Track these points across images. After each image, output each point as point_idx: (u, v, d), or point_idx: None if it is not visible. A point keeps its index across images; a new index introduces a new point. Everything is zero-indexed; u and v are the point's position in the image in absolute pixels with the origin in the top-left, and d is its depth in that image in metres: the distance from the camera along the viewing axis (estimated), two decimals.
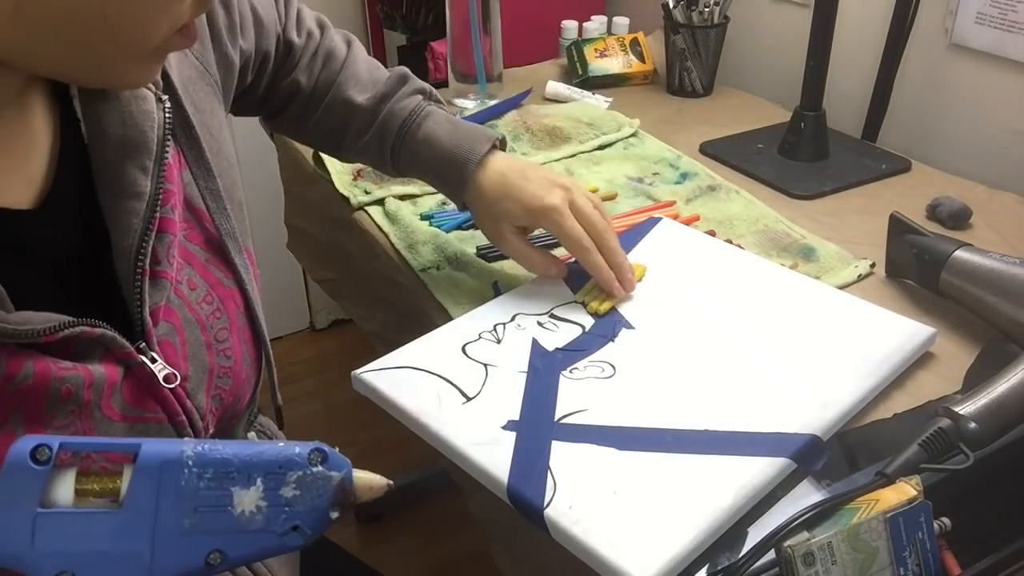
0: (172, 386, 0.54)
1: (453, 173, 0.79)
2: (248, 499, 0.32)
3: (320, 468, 0.34)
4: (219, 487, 0.32)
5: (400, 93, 0.83)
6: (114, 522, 0.31)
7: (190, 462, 0.32)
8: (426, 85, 0.85)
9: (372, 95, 0.82)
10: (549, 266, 0.80)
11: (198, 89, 0.64)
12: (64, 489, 0.31)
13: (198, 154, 0.60)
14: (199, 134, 0.60)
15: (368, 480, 0.37)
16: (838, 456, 0.63)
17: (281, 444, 0.34)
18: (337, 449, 0.36)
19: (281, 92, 0.83)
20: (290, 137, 0.93)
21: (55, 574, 0.30)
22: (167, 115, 0.55)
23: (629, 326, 0.76)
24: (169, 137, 0.55)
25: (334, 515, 0.35)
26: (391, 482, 0.38)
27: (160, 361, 0.53)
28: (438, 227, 0.97)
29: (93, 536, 0.30)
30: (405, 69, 0.86)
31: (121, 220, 0.52)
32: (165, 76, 0.58)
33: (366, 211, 1.01)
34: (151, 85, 0.55)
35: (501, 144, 0.82)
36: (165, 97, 0.56)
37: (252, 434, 0.70)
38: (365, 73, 0.84)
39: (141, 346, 0.53)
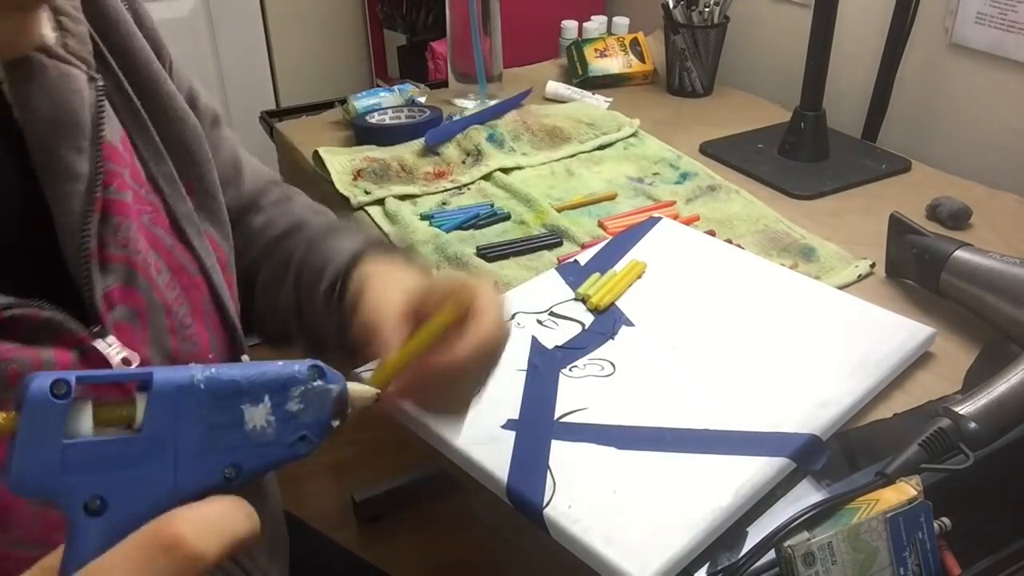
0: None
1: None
2: (259, 415, 0.35)
3: (320, 382, 0.36)
4: (231, 407, 0.34)
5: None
6: (136, 447, 0.33)
7: (201, 385, 0.33)
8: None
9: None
10: None
11: (152, 67, 0.61)
12: (85, 420, 0.32)
13: (146, 137, 0.58)
14: (146, 116, 0.58)
15: (360, 391, 0.40)
16: (838, 456, 0.63)
17: (280, 363, 0.36)
18: (331, 367, 0.39)
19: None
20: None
21: (87, 499, 0.31)
22: (99, 93, 0.53)
23: (629, 323, 0.76)
24: (103, 115, 0.53)
25: (335, 423, 0.37)
26: (379, 391, 0.42)
27: (116, 345, 0.52)
28: (438, 227, 0.97)
29: (118, 461, 0.32)
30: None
31: (62, 203, 0.51)
32: (99, 54, 0.56)
33: (366, 211, 1.01)
34: (80, 63, 0.53)
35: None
36: (97, 75, 0.53)
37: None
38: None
39: (95, 330, 0.52)
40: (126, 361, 0.52)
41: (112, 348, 0.52)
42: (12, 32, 0.49)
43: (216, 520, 0.31)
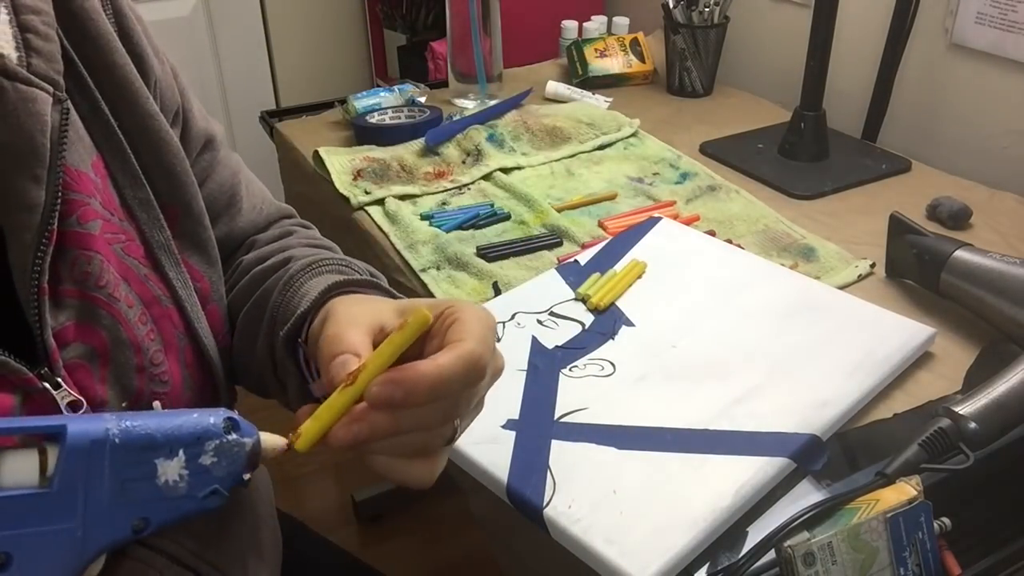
0: (79, 414, 0.48)
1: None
2: (171, 469, 0.35)
3: (234, 436, 0.36)
4: (145, 460, 0.34)
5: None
6: (45, 502, 0.32)
7: (116, 440, 0.33)
8: None
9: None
10: None
11: (136, 90, 0.57)
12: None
13: (123, 161, 0.55)
14: (123, 138, 0.55)
15: (272, 441, 0.40)
16: (838, 456, 0.63)
17: (196, 414, 0.36)
18: (243, 418, 0.39)
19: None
20: None
21: None
22: (64, 117, 0.49)
23: (629, 323, 0.76)
24: (65, 141, 0.49)
25: (246, 476, 0.37)
26: (289, 441, 0.41)
27: (65, 388, 0.48)
28: (438, 227, 0.97)
29: (26, 516, 0.32)
30: None
31: (15, 235, 0.47)
32: (75, 74, 0.52)
33: (366, 211, 1.01)
34: (46, 84, 0.49)
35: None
36: (65, 98, 0.49)
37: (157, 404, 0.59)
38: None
39: (43, 372, 0.48)
40: (73, 405, 0.48)
41: (60, 391, 0.47)
42: None
43: None
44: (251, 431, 0.37)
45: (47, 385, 0.47)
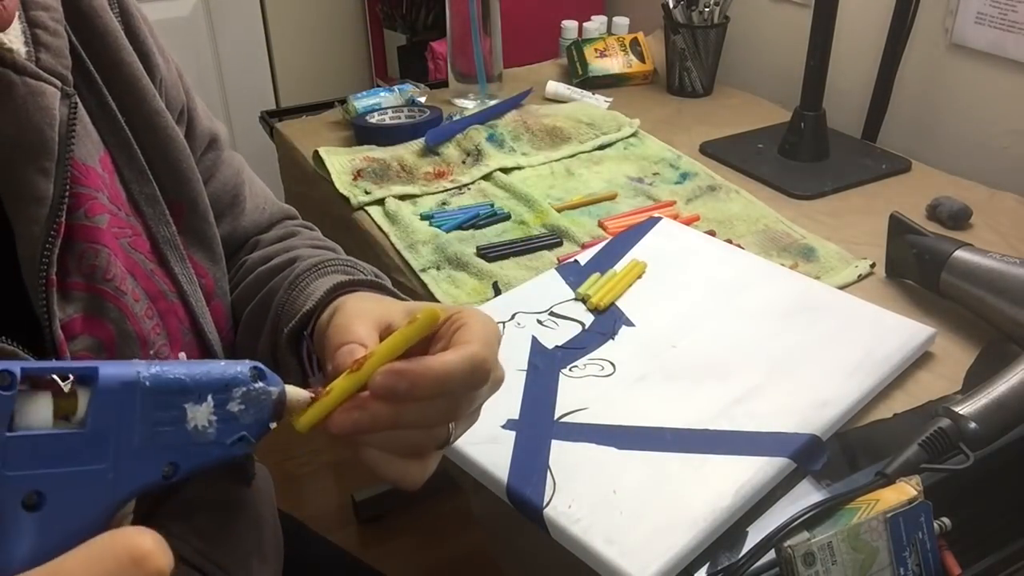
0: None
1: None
2: (201, 414, 0.35)
3: (261, 384, 0.37)
4: (174, 404, 0.34)
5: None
6: (78, 442, 0.32)
7: (147, 383, 0.33)
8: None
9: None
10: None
11: (144, 87, 0.57)
12: (32, 413, 0.32)
13: (130, 156, 0.55)
14: (130, 134, 0.55)
15: (296, 394, 0.40)
16: (838, 456, 0.63)
17: (223, 363, 0.36)
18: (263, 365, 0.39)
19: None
20: None
21: (24, 494, 0.31)
22: (72, 111, 0.50)
23: (629, 323, 0.76)
24: (74, 135, 0.50)
25: (272, 425, 0.37)
26: (312, 394, 0.41)
27: (72, 378, 0.50)
28: (438, 227, 0.97)
29: (58, 456, 0.32)
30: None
31: (24, 228, 0.48)
32: (83, 70, 0.53)
33: (366, 211, 1.01)
34: (54, 79, 0.49)
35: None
36: (72, 92, 0.50)
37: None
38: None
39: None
40: None
41: (67, 383, 0.49)
42: None
43: (164, 544, 0.30)
44: (276, 381, 0.38)
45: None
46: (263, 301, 0.62)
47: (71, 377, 0.34)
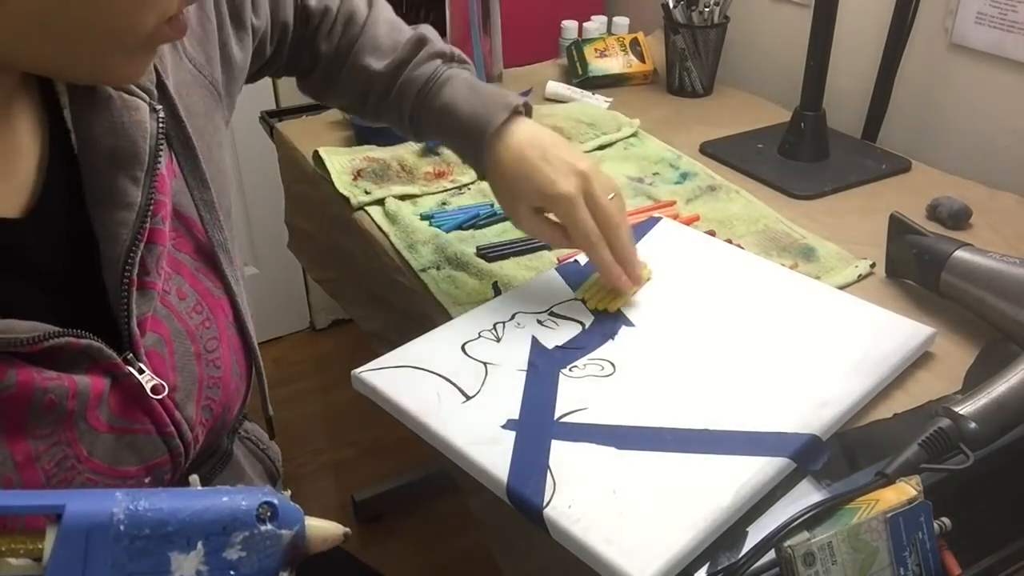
0: (160, 397, 0.53)
1: (470, 145, 0.75)
2: (188, 564, 0.29)
3: (269, 526, 0.31)
4: (156, 550, 0.29)
5: (418, 59, 0.79)
6: None
7: (121, 526, 0.28)
8: (446, 47, 0.81)
9: (390, 61, 0.80)
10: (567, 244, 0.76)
11: (193, 93, 0.63)
12: None
13: (194, 164, 0.59)
14: (195, 143, 0.59)
15: (322, 531, 0.34)
16: (838, 456, 0.63)
17: (226, 496, 0.30)
18: (289, 494, 0.32)
19: (305, 58, 0.83)
20: (317, 100, 0.91)
21: None
22: (160, 125, 0.54)
23: (629, 323, 0.76)
24: (162, 147, 0.54)
25: (283, 575, 0.31)
26: (348, 531, 0.35)
27: (148, 372, 0.53)
28: (438, 227, 0.97)
29: None
30: (425, 31, 0.83)
31: (110, 230, 0.51)
32: (160, 84, 0.57)
33: (366, 211, 1.01)
34: (144, 94, 0.54)
35: (526, 110, 0.77)
36: (159, 107, 0.55)
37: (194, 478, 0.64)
38: (385, 36, 0.82)
39: (128, 357, 0.52)
40: (156, 389, 0.53)
41: (144, 375, 0.52)
42: (124, 65, 0.50)
43: None
44: (294, 519, 0.32)
45: (131, 370, 0.52)
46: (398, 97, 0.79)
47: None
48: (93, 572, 0.28)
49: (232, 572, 0.29)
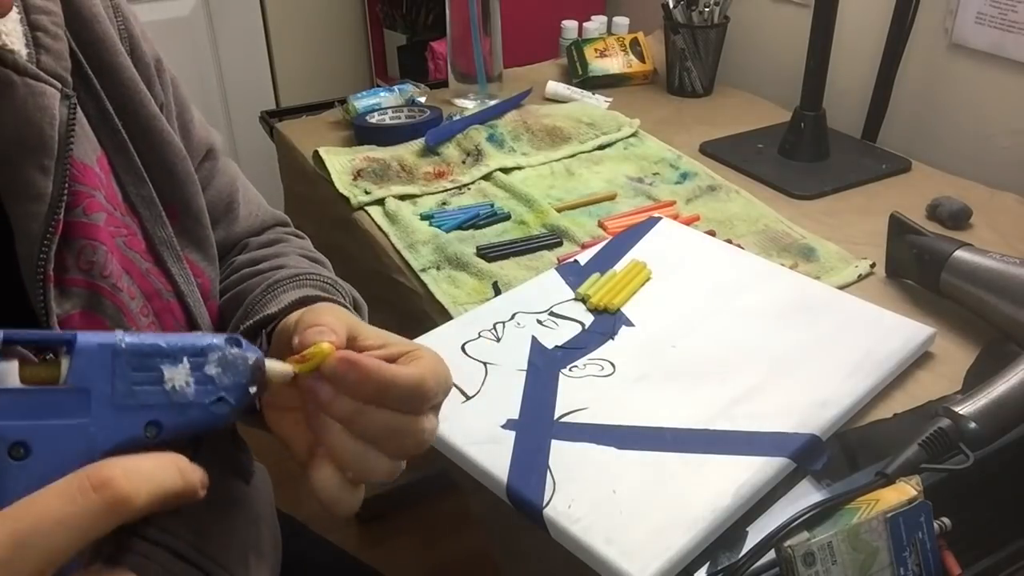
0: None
1: None
2: (178, 375, 0.37)
3: (236, 350, 0.39)
4: (152, 366, 0.37)
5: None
6: (58, 397, 0.35)
7: (123, 344, 0.36)
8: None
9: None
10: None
11: (127, 70, 0.58)
12: (10, 374, 0.35)
13: (126, 158, 0.56)
14: (125, 136, 0.56)
15: (278, 367, 0.42)
16: (838, 456, 0.63)
17: (200, 333, 0.40)
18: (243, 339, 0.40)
19: None
20: None
21: (10, 445, 0.34)
22: (71, 111, 0.51)
23: (629, 323, 0.76)
24: (73, 134, 0.51)
25: (252, 390, 0.39)
26: (296, 370, 0.43)
27: None
28: (438, 227, 0.97)
29: (41, 411, 0.34)
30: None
31: (22, 225, 0.49)
32: (81, 72, 0.54)
33: (366, 211, 1.01)
34: (54, 80, 0.51)
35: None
36: (72, 93, 0.51)
37: None
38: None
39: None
40: None
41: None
42: None
43: (147, 470, 0.32)
44: (255, 349, 0.40)
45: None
46: (237, 296, 0.63)
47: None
48: (104, 382, 0.35)
49: (212, 384, 0.38)
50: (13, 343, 0.35)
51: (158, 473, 0.33)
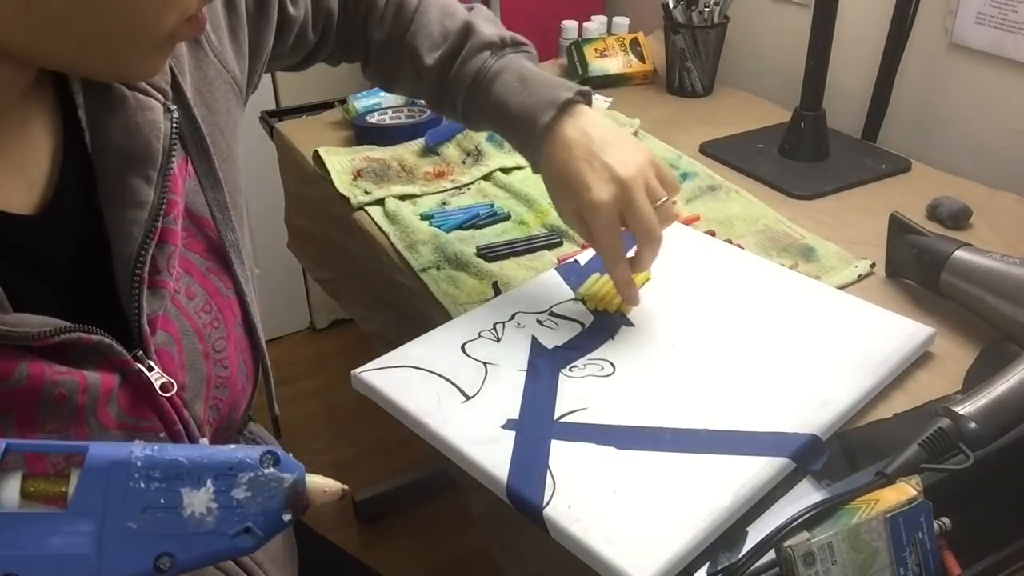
0: (169, 395, 0.54)
1: (520, 143, 0.74)
2: (199, 500, 0.32)
3: (272, 470, 0.34)
4: (169, 488, 0.32)
5: (466, 52, 0.76)
6: (60, 523, 0.30)
7: (139, 463, 0.32)
8: (496, 35, 0.78)
9: (440, 55, 0.77)
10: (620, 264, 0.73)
11: (215, 90, 0.63)
12: (10, 491, 0.31)
13: (208, 165, 0.60)
14: (209, 144, 0.60)
15: (321, 484, 0.37)
16: (838, 456, 0.63)
17: (232, 447, 0.34)
18: (291, 455, 0.36)
19: (358, 47, 0.83)
20: (385, 90, 0.90)
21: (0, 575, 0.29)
22: (174, 125, 0.55)
23: (629, 323, 0.76)
24: (175, 147, 0.54)
25: (287, 518, 0.34)
26: (346, 487, 0.38)
27: (157, 370, 0.53)
28: (438, 227, 0.97)
29: (39, 538, 0.30)
30: (474, 19, 0.79)
31: (122, 229, 0.52)
32: (176, 84, 0.58)
33: (366, 211, 1.01)
34: (158, 94, 0.55)
35: (584, 97, 0.73)
36: (173, 107, 0.55)
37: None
38: (435, 24, 0.78)
39: (138, 354, 0.52)
40: (165, 387, 0.53)
41: (154, 373, 0.53)
42: (141, 63, 0.50)
43: None
44: (293, 468, 0.35)
45: (141, 367, 0.52)
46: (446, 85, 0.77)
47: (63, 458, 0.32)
48: (112, 506, 0.31)
49: (239, 510, 0.33)
50: (17, 452, 0.31)
51: None
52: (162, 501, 0.32)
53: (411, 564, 1.56)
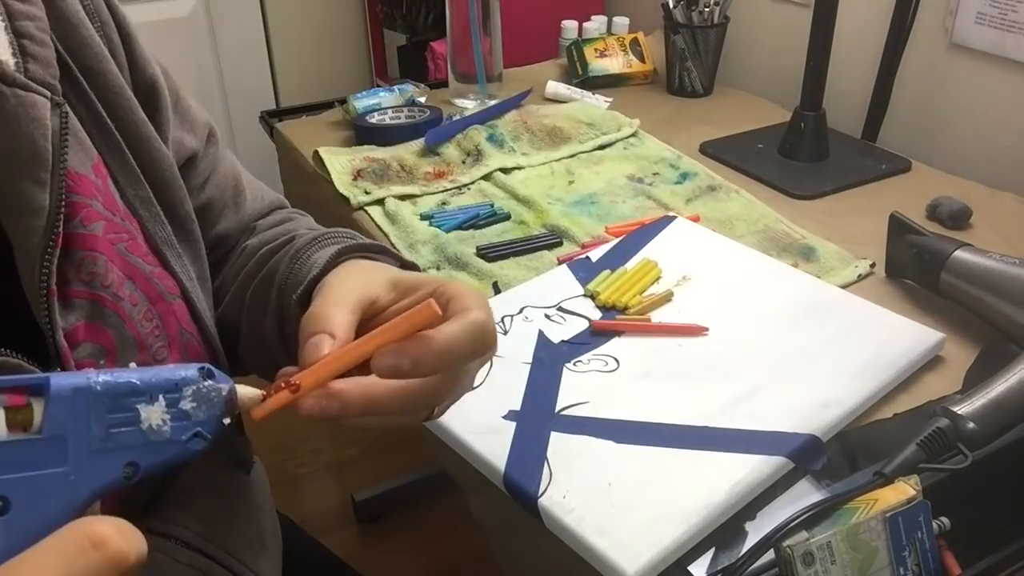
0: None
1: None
2: (154, 414, 0.36)
3: (210, 382, 0.38)
4: (127, 406, 0.36)
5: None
6: (36, 448, 0.34)
7: (98, 387, 0.35)
8: None
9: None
10: None
11: (114, 75, 0.57)
12: None
13: (123, 161, 0.56)
14: (120, 138, 0.56)
15: (247, 392, 0.41)
16: (838, 456, 0.63)
17: (172, 366, 0.38)
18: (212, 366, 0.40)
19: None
20: None
21: None
22: (63, 121, 0.49)
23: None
24: (67, 144, 0.49)
25: (226, 421, 0.39)
26: (264, 392, 0.42)
27: None
28: (438, 227, 0.97)
29: (19, 462, 0.33)
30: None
31: (21, 239, 0.47)
32: (72, 79, 0.53)
33: (366, 211, 1.01)
34: (44, 89, 0.49)
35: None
36: (63, 102, 0.50)
37: None
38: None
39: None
40: None
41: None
42: None
43: (130, 527, 0.31)
44: (226, 379, 0.39)
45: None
46: (265, 279, 0.62)
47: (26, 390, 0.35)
48: (80, 428, 0.34)
49: (188, 418, 0.37)
50: None
51: (137, 535, 0.31)
52: (123, 418, 0.36)
53: (411, 564, 1.56)
